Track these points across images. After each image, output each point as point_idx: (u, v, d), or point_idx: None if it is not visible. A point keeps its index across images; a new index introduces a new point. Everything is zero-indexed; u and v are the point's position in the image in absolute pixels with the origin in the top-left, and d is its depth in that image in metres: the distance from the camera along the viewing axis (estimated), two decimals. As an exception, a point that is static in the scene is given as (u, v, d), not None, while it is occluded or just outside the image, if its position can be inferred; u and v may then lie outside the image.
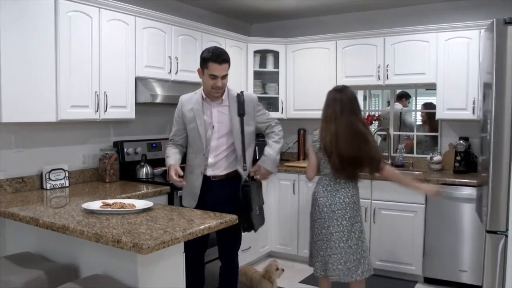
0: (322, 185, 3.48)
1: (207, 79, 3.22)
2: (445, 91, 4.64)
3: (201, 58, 3.26)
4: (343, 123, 3.36)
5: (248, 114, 3.38)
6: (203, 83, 3.32)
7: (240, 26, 5.97)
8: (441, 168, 4.91)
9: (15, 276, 2.59)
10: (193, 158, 3.39)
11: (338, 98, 3.45)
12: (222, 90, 3.29)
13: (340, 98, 3.43)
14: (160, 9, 4.33)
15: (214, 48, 3.24)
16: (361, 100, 5.92)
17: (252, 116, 3.41)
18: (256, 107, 3.44)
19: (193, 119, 3.33)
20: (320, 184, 3.50)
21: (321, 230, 3.41)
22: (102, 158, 4.04)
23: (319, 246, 3.42)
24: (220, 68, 3.18)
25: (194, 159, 3.37)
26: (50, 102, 3.35)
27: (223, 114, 3.35)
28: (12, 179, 3.49)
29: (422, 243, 4.50)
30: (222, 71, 3.20)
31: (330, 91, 3.55)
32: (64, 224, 2.53)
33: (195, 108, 3.33)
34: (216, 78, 3.19)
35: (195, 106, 3.33)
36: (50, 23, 3.31)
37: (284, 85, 5.55)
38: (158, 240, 2.24)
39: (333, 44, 5.23)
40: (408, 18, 5.14)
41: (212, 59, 3.17)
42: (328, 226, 3.37)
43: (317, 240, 3.43)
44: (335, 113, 3.42)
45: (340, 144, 3.32)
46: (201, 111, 3.32)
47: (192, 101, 3.36)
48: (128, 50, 3.91)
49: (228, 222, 2.73)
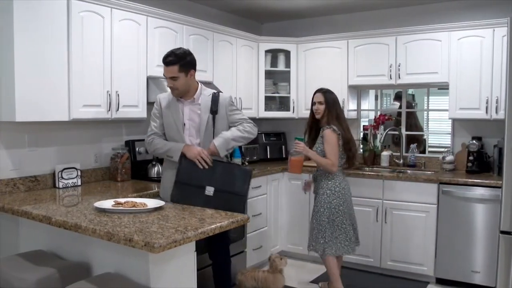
0: (343, 175, 4.10)
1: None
2: (457, 90, 4.61)
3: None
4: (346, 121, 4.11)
5: (220, 113, 3.41)
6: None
7: (251, 26, 5.97)
8: (454, 168, 4.88)
9: (28, 273, 2.61)
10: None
11: (337, 99, 4.10)
12: (176, 91, 3.33)
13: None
14: (171, 8, 4.34)
15: (171, 50, 3.31)
16: (372, 99, 5.91)
17: (225, 116, 3.42)
18: (229, 107, 3.45)
19: (169, 116, 3.40)
20: (342, 176, 4.07)
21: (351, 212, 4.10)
22: (113, 157, 4.06)
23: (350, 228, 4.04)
24: (166, 69, 3.27)
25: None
26: (63, 102, 3.37)
27: (194, 112, 3.40)
28: (26, 178, 3.52)
29: (434, 243, 4.47)
30: (168, 73, 3.27)
31: (331, 92, 4.10)
32: (76, 223, 2.54)
33: (171, 106, 3.40)
34: (168, 79, 3.31)
35: (171, 104, 3.41)
36: (63, 23, 3.33)
37: (296, 84, 5.54)
38: (169, 239, 2.24)
39: (344, 44, 5.21)
40: (420, 17, 5.10)
41: (162, 60, 3.29)
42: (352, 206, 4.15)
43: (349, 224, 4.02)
44: (342, 111, 4.12)
45: (352, 139, 4.05)
46: (176, 109, 3.39)
47: (169, 99, 3.43)
48: (139, 49, 3.92)
49: (239, 221, 2.73)
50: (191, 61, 3.33)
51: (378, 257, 4.76)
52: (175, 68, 3.23)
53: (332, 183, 3.96)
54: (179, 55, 3.26)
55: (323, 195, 3.97)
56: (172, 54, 3.26)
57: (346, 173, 4.34)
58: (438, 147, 5.43)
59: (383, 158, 5.33)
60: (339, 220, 3.95)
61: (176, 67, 3.23)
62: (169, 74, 3.26)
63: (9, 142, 3.42)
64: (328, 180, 3.98)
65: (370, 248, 4.78)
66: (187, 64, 3.28)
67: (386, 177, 4.72)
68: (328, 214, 3.94)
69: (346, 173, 4.36)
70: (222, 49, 4.85)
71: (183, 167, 3.25)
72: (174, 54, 3.25)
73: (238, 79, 5.09)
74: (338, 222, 3.95)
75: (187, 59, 3.28)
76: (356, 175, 4.84)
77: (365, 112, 5.78)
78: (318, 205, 4.01)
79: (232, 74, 5.00)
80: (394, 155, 5.35)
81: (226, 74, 4.93)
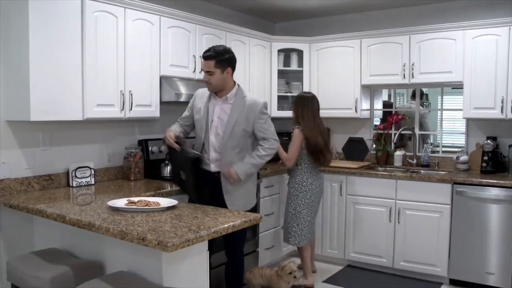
0: (311, 172, 4.45)
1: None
2: (472, 89, 4.56)
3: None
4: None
5: (248, 117, 3.39)
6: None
7: (264, 25, 5.97)
8: (468, 168, 4.83)
9: (43, 271, 2.64)
10: (197, 146, 3.56)
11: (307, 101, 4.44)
12: (211, 86, 3.39)
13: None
14: (184, 8, 4.35)
15: (212, 45, 3.44)
16: (385, 99, 5.87)
17: (252, 121, 3.40)
18: (260, 115, 3.41)
19: (200, 111, 3.48)
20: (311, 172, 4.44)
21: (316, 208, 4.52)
22: (127, 157, 4.08)
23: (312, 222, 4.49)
24: (204, 63, 3.36)
25: (197, 148, 3.54)
26: (77, 101, 3.39)
27: (224, 111, 3.43)
28: (40, 177, 3.55)
29: (448, 244, 4.43)
30: (205, 67, 3.35)
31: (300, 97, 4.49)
32: (90, 221, 2.56)
33: (204, 102, 3.49)
34: (204, 72, 3.38)
35: (204, 100, 3.49)
36: (77, 23, 3.35)
37: (308, 84, 5.52)
38: (182, 238, 2.24)
39: (357, 43, 5.19)
40: (434, 15, 5.06)
41: (202, 56, 3.40)
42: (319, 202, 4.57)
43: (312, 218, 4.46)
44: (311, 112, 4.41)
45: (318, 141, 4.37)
46: (207, 105, 3.47)
47: (204, 95, 3.53)
48: (153, 49, 3.94)
49: (252, 221, 2.73)
50: (229, 59, 3.38)
51: (391, 257, 4.73)
52: (212, 63, 3.31)
53: (299, 178, 4.39)
54: (218, 51, 3.33)
55: (292, 189, 4.44)
56: (212, 49, 3.35)
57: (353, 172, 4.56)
58: (452, 147, 5.39)
59: (396, 158, 5.30)
60: (304, 213, 4.38)
61: (213, 62, 3.30)
62: (205, 68, 3.35)
63: (23, 141, 3.46)
64: (297, 175, 4.41)
65: (383, 248, 4.76)
66: (224, 61, 3.33)
67: (399, 177, 4.69)
68: (294, 206, 4.40)
69: (352, 171, 4.64)
70: (234, 48, 4.78)
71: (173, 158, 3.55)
72: (213, 49, 3.34)
73: (250, 78, 5.09)
74: (303, 214, 4.38)
75: (225, 56, 3.34)
76: (369, 175, 4.82)
77: (378, 111, 5.74)
78: (287, 197, 4.52)
79: (244, 73, 5.00)
80: (407, 155, 5.32)
81: (239, 73, 4.89)
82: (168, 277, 2.46)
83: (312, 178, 4.39)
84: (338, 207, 5.02)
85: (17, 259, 2.90)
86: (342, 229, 5.02)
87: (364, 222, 4.87)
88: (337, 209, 5.03)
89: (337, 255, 5.07)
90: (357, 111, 5.24)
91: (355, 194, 4.91)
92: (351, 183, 4.93)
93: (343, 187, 4.97)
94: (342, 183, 4.97)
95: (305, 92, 4.75)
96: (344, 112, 5.33)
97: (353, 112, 5.27)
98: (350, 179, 4.94)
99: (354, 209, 4.92)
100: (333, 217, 5.06)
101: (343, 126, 5.69)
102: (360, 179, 4.88)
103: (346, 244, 5.00)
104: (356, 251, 4.95)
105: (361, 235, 4.90)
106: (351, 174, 4.93)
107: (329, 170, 5.01)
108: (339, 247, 5.05)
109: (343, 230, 5.01)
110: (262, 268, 4.13)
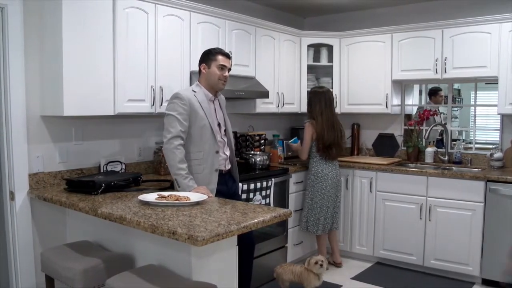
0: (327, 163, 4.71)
1: (215, 70, 3.35)
2: (507, 84, 4.44)
3: (205, 54, 3.42)
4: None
5: (223, 109, 3.60)
6: (207, 77, 3.38)
7: (294, 20, 5.93)
8: (502, 166, 4.71)
9: (76, 263, 2.69)
10: (201, 157, 3.32)
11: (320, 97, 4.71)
12: (225, 84, 3.43)
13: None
14: (214, 4, 4.35)
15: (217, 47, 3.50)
16: (416, 94, 5.77)
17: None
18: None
19: (204, 117, 3.30)
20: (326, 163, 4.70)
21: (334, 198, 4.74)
22: (157, 151, 4.12)
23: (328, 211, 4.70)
24: (228, 61, 3.40)
25: (204, 158, 3.32)
26: (108, 96, 3.44)
27: (221, 111, 3.53)
28: (72, 170, 3.62)
29: (480, 243, 4.34)
30: (229, 64, 3.41)
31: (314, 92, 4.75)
32: (121, 215, 2.59)
33: (204, 106, 3.33)
34: (224, 69, 3.36)
35: (203, 104, 3.33)
36: (109, 20, 3.39)
37: (338, 79, 5.47)
38: (212, 232, 2.25)
39: (388, 37, 5.12)
40: (468, 9, 4.94)
41: (221, 53, 3.39)
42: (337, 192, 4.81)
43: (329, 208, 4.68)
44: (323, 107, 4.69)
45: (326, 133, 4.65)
46: (209, 108, 3.38)
47: (198, 98, 3.32)
48: (183, 44, 3.96)
49: (282, 216, 2.72)
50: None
51: (421, 255, 4.66)
52: (231, 62, 3.43)
53: (315, 170, 4.66)
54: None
55: (308, 180, 4.71)
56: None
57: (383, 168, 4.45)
58: (485, 144, 5.26)
59: (427, 154, 5.21)
60: (321, 203, 4.62)
61: (231, 62, 3.44)
62: (229, 65, 3.41)
63: (56, 136, 3.52)
64: (312, 167, 4.69)
65: (413, 245, 4.69)
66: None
67: (431, 174, 4.61)
68: (311, 196, 4.65)
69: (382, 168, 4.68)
70: (264, 43, 4.84)
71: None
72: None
73: (280, 74, 5.07)
74: (319, 204, 4.62)
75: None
76: (400, 171, 4.76)
77: (409, 107, 5.65)
78: (305, 188, 4.79)
79: (274, 69, 4.99)
80: (438, 151, 5.23)
81: (268, 69, 4.92)
82: (197, 271, 2.48)
83: (328, 169, 4.64)
84: (368, 203, 4.97)
85: (50, 250, 2.97)
86: (371, 225, 4.97)
87: (394, 219, 4.81)
88: (367, 206, 4.98)
89: (366, 252, 5.02)
90: (388, 106, 5.17)
91: (385, 190, 4.85)
92: (381, 179, 4.88)
93: (373, 184, 4.92)
94: (372, 179, 4.92)
95: (318, 86, 4.93)
96: (374, 107, 5.27)
97: (383, 108, 5.21)
98: (380, 176, 4.88)
99: (384, 205, 4.87)
100: (363, 213, 5.01)
101: (374, 122, 5.63)
102: (390, 175, 4.82)
103: (376, 241, 4.95)
104: (385, 248, 4.89)
105: (390, 232, 4.84)
106: (381, 170, 4.87)
107: (359, 166, 4.97)
108: (368, 244, 5.00)
109: (373, 226, 4.96)
110: (292, 265, 4.11)
